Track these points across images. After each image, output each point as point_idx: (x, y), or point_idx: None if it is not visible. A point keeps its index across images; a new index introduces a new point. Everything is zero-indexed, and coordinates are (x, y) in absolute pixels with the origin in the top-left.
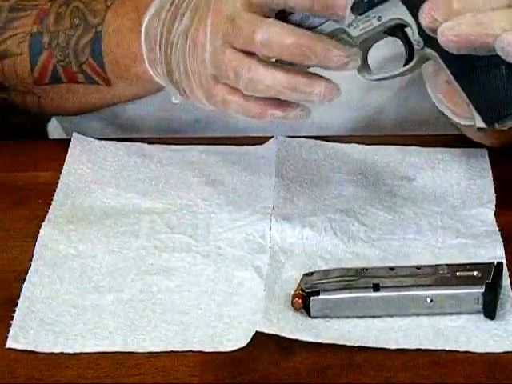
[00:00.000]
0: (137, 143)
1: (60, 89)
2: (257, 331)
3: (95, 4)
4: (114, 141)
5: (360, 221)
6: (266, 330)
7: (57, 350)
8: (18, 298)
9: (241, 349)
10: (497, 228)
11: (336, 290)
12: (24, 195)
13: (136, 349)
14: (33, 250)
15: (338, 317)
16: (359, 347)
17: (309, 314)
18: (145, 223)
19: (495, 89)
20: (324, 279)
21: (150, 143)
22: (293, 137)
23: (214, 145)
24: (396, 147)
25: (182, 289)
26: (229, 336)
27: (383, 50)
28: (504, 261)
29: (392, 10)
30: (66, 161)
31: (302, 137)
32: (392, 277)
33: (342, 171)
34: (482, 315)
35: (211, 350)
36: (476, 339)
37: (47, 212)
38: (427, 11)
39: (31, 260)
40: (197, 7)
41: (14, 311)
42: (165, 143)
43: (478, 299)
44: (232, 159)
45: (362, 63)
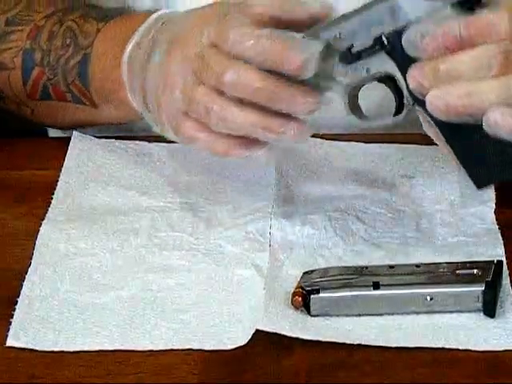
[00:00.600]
0: (137, 141)
1: (51, 105)
2: (257, 329)
3: (87, 26)
4: (114, 139)
5: (360, 219)
6: (266, 328)
7: (57, 349)
8: (18, 297)
9: (241, 347)
10: (497, 226)
11: (336, 288)
12: (24, 193)
13: (136, 347)
14: (33, 249)
15: (338, 315)
16: (359, 345)
17: (309, 312)
18: (145, 221)
19: (485, 154)
20: (324, 277)
21: (150, 141)
22: None
23: None
24: (396, 145)
25: (182, 287)
26: (229, 334)
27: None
28: (504, 259)
29: (380, 64)
30: (66, 159)
31: None
32: (392, 275)
33: (342, 169)
34: (482, 313)
35: (211, 348)
36: (476, 337)
37: (47, 210)
38: (414, 77)
39: (31, 258)
40: (170, 40)
41: (14, 309)
42: (165, 141)
43: (478, 297)
44: (232, 157)
45: (353, 105)
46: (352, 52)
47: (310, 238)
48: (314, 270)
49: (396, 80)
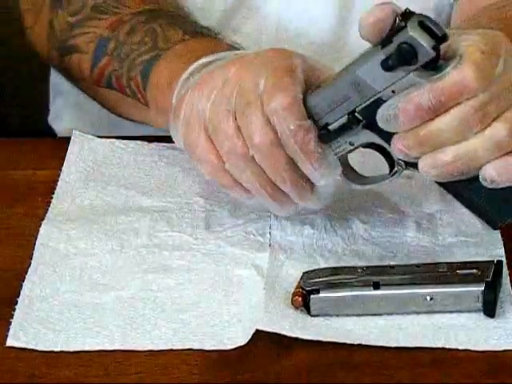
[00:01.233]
0: (137, 141)
1: (113, 95)
2: (257, 329)
3: (172, 32)
4: (114, 138)
5: (360, 219)
6: (266, 328)
7: (57, 349)
8: (18, 297)
9: (241, 347)
10: None
11: (336, 288)
12: (24, 193)
13: (136, 347)
14: (33, 249)
15: (338, 315)
16: (359, 345)
17: (309, 313)
18: (145, 222)
19: (490, 198)
20: (324, 277)
21: (150, 141)
22: None
23: None
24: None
25: (182, 287)
26: (229, 334)
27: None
28: (504, 259)
29: (362, 137)
30: (66, 158)
31: None
32: (392, 275)
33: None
34: (482, 313)
35: (211, 348)
36: (476, 337)
37: (47, 210)
38: (399, 149)
39: (31, 258)
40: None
41: (14, 309)
42: (165, 141)
43: (478, 297)
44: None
45: (347, 171)
46: (330, 130)
47: (310, 238)
48: (314, 270)
49: (383, 147)
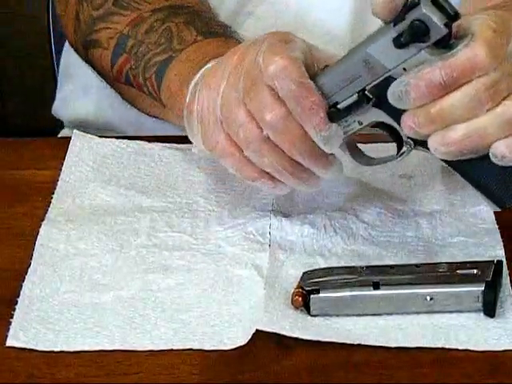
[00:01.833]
0: (137, 141)
1: (133, 91)
2: (257, 329)
3: (186, 33)
4: (114, 138)
5: (360, 218)
6: (266, 329)
7: (57, 349)
8: (18, 297)
9: (241, 347)
10: (497, 226)
11: (336, 288)
12: (24, 193)
13: (136, 347)
14: (33, 249)
15: (338, 315)
16: (359, 345)
17: (309, 312)
18: (145, 222)
19: (499, 177)
20: (324, 277)
21: (150, 141)
22: None
23: None
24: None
25: (182, 287)
26: (229, 334)
27: None
28: (504, 259)
29: (372, 115)
30: (66, 158)
31: None
32: (392, 275)
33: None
34: (482, 313)
35: (211, 348)
36: (476, 337)
37: (47, 210)
38: (409, 126)
39: (31, 258)
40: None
41: (14, 310)
42: (165, 141)
43: (478, 297)
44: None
45: (354, 152)
46: (339, 108)
47: (310, 238)
48: (314, 270)
49: (391, 126)
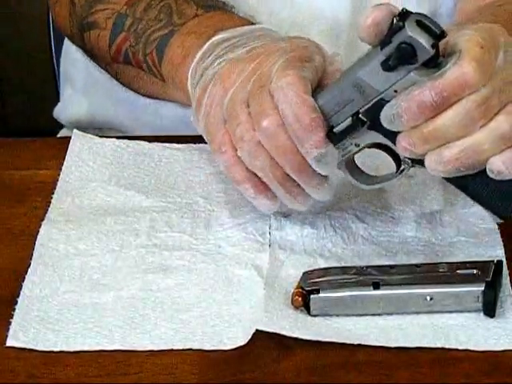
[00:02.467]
0: (137, 141)
1: (131, 70)
2: (257, 329)
3: (186, 7)
4: (115, 138)
5: (360, 218)
6: (266, 329)
7: (57, 349)
8: (18, 297)
9: (241, 347)
10: (496, 226)
11: (336, 288)
12: (24, 193)
13: (136, 347)
14: (33, 249)
15: (338, 315)
16: (359, 345)
17: (309, 312)
18: (145, 222)
19: (497, 189)
20: (324, 277)
21: (150, 141)
22: None
23: None
24: None
25: (182, 287)
26: (229, 334)
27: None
28: (504, 259)
29: (367, 137)
30: (66, 158)
31: None
32: (392, 275)
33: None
34: (482, 313)
35: (211, 348)
36: (476, 337)
37: (47, 210)
38: (404, 147)
39: (31, 258)
40: (252, 48)
41: (14, 310)
42: (165, 141)
43: (478, 297)
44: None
45: (354, 172)
46: (335, 132)
47: (310, 238)
48: (314, 270)
49: (388, 146)
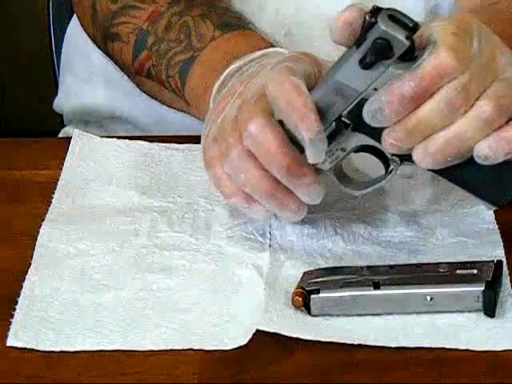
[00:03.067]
0: (137, 141)
1: (154, 85)
2: (257, 329)
3: (204, 28)
4: (115, 138)
5: (360, 218)
6: (267, 329)
7: (57, 349)
8: (19, 297)
9: (241, 347)
10: (496, 226)
11: (336, 288)
12: (24, 193)
13: (136, 347)
14: (33, 249)
15: (339, 315)
16: (359, 345)
17: (309, 313)
18: (145, 222)
19: (488, 177)
20: (324, 277)
21: (150, 141)
22: None
23: None
24: None
25: (183, 287)
26: (229, 334)
27: None
28: (504, 259)
29: (353, 140)
30: (66, 158)
31: None
32: (392, 275)
33: None
34: (482, 313)
35: (211, 348)
36: (476, 337)
37: (47, 210)
38: (390, 143)
39: (31, 258)
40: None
41: (15, 309)
42: (165, 141)
43: (478, 297)
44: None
45: (343, 178)
46: None
47: (310, 238)
48: (314, 270)
49: (375, 147)
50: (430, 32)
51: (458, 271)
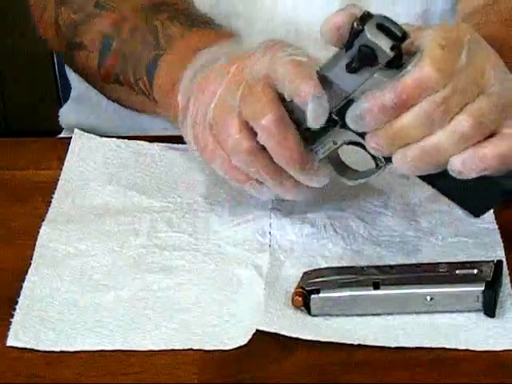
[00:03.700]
0: (137, 141)
1: (122, 91)
2: (257, 329)
3: (172, 29)
4: (115, 138)
5: (360, 218)
6: (267, 329)
7: (57, 349)
8: (19, 297)
9: (241, 347)
10: (496, 226)
11: (336, 288)
12: (24, 193)
13: (136, 347)
14: (33, 249)
15: (338, 315)
16: (359, 345)
17: (309, 312)
18: (145, 222)
19: (466, 189)
20: (324, 277)
21: (150, 141)
22: None
23: None
24: None
25: (183, 287)
26: (229, 334)
27: None
28: (504, 259)
29: (342, 136)
30: (66, 158)
31: None
32: (392, 275)
33: None
34: (482, 313)
35: (211, 348)
36: (476, 337)
37: (47, 210)
38: (372, 147)
39: (31, 258)
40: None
41: (15, 309)
42: (165, 141)
43: (478, 297)
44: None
45: (339, 167)
46: (312, 131)
47: (310, 238)
48: (314, 270)
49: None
50: (420, 41)
51: (458, 271)
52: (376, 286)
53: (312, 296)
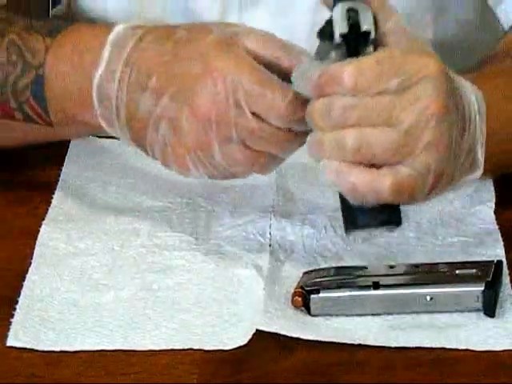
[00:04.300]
0: None
1: (12, 125)
2: (257, 329)
3: (33, 41)
4: (114, 139)
5: None
6: (266, 329)
7: (57, 348)
8: (19, 297)
9: (241, 347)
10: (497, 226)
11: (336, 288)
12: (24, 193)
13: (136, 347)
14: (33, 249)
15: (338, 315)
16: (359, 345)
17: (309, 312)
18: (145, 222)
19: (343, 201)
20: (324, 277)
21: None
22: None
23: None
24: None
25: (183, 287)
26: (229, 334)
27: None
28: (504, 259)
29: None
30: (67, 158)
31: None
32: (392, 275)
33: None
34: (482, 313)
35: (211, 348)
36: (476, 337)
37: (47, 210)
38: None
39: (31, 258)
40: (178, 91)
41: (15, 309)
42: None
43: (478, 297)
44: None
45: None
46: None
47: (310, 238)
48: (314, 270)
49: None
50: (389, 44)
51: (458, 271)
52: (376, 286)
53: (312, 296)
